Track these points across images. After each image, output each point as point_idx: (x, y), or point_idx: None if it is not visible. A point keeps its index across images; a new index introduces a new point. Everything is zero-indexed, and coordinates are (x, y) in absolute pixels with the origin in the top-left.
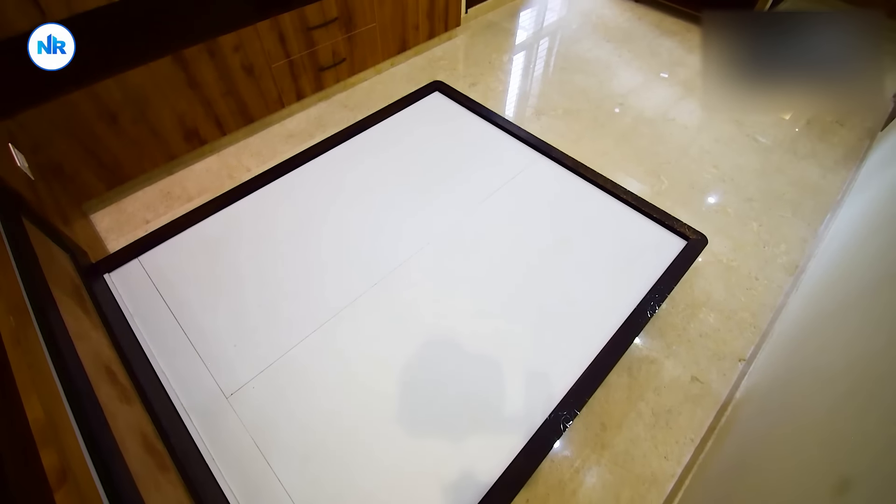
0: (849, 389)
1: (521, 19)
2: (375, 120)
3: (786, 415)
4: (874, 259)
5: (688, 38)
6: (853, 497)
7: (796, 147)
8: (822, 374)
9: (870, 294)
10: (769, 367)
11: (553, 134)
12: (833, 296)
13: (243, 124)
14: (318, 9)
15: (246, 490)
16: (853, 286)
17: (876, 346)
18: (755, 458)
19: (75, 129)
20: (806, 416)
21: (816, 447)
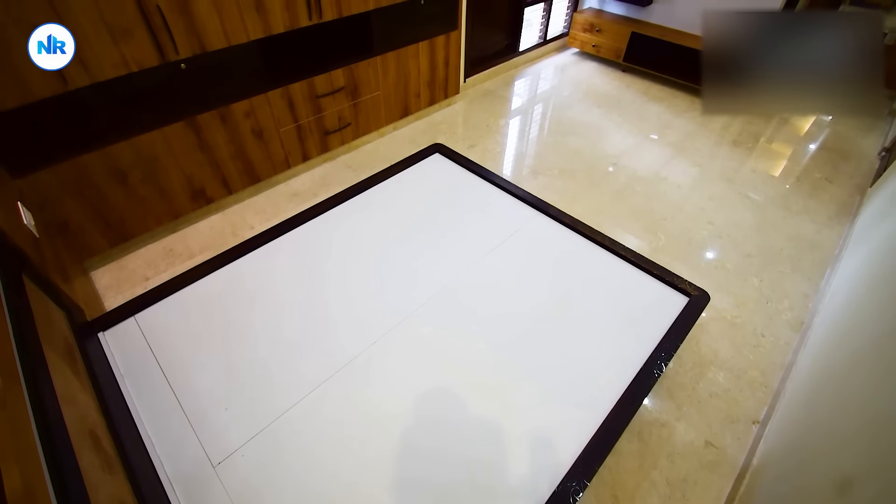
0: (865, 450)
1: (516, 87)
2: (378, 179)
3: (804, 480)
4: (878, 314)
5: (674, 104)
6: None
7: (789, 203)
8: (838, 436)
9: (877, 350)
10: (784, 430)
11: (550, 192)
12: (841, 353)
13: (250, 184)
14: (326, 79)
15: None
16: (860, 343)
17: (891, 406)
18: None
19: (85, 188)
20: (825, 481)
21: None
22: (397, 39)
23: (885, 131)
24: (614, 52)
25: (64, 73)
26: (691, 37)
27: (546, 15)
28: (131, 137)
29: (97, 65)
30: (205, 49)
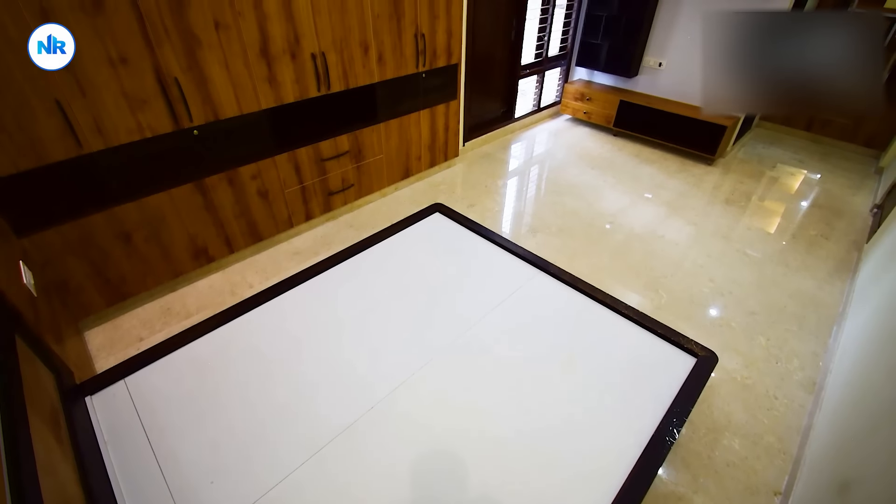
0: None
1: (513, 150)
2: (379, 238)
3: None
4: (891, 373)
5: (665, 166)
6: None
7: (787, 260)
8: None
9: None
10: (809, 502)
11: (549, 250)
12: (859, 415)
13: (252, 243)
14: (332, 143)
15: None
16: (877, 405)
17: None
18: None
19: (88, 247)
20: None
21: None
22: (400, 108)
23: (873, 189)
24: (605, 119)
25: (79, 136)
26: (675, 104)
27: (539, 85)
28: (139, 199)
29: (113, 130)
30: (217, 117)
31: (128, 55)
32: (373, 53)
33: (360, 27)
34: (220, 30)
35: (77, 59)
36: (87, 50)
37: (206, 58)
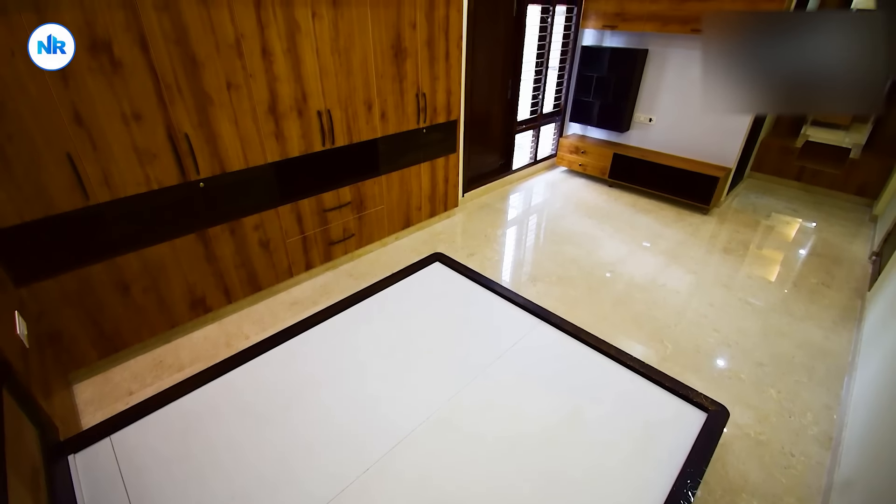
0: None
1: (511, 200)
2: (379, 288)
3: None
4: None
5: (661, 216)
6: None
7: (791, 309)
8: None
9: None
10: None
11: (550, 299)
12: (879, 471)
13: (251, 293)
14: (334, 195)
15: None
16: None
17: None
18: None
19: (86, 297)
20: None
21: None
22: (401, 161)
23: (870, 236)
24: (600, 170)
25: (87, 188)
26: (667, 156)
27: (535, 139)
28: (141, 249)
29: (121, 183)
30: (224, 170)
31: (141, 112)
32: (376, 110)
33: (364, 87)
34: (232, 90)
35: (91, 114)
36: (102, 106)
37: (216, 115)
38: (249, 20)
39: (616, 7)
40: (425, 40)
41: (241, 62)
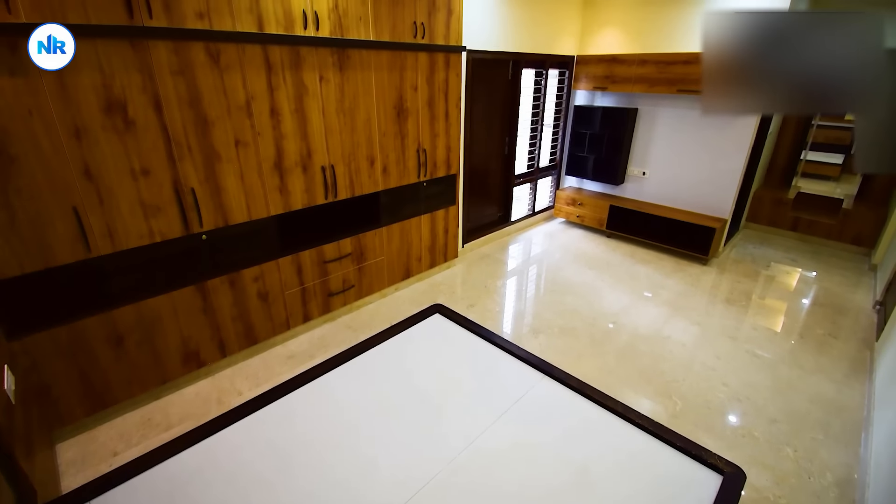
0: None
1: (511, 251)
2: (377, 340)
3: None
4: None
5: (661, 266)
6: None
7: (800, 361)
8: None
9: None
10: None
11: (553, 352)
12: None
13: (246, 346)
14: (335, 246)
15: None
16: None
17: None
18: None
19: (78, 351)
20: None
21: None
22: (402, 213)
23: (871, 285)
24: (597, 221)
25: (90, 241)
26: (663, 208)
27: (532, 192)
28: (138, 301)
29: (124, 235)
30: (227, 223)
31: (150, 168)
32: (378, 165)
33: (367, 143)
34: (240, 146)
35: (101, 170)
36: (112, 162)
37: (223, 170)
38: (260, 84)
39: (605, 70)
40: (426, 101)
41: (251, 121)
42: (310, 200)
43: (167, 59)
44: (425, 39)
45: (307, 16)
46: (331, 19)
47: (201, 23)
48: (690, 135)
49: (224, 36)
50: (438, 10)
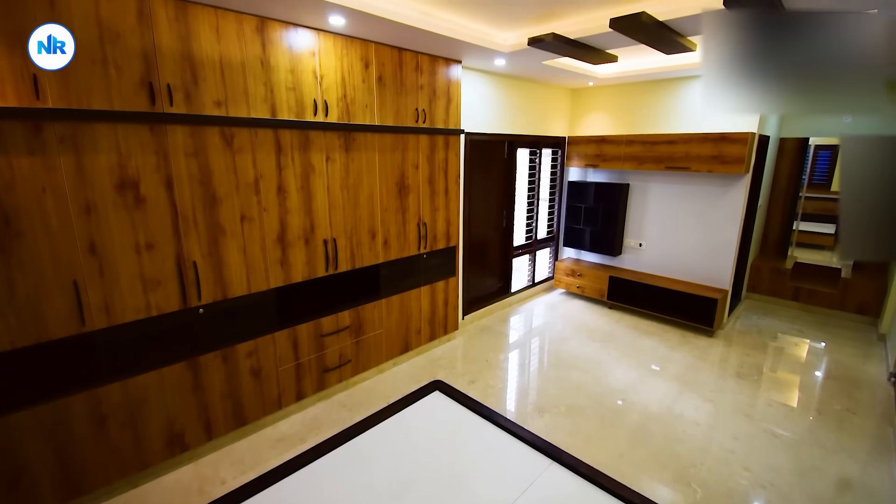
0: None
1: (512, 322)
2: (373, 422)
3: None
4: None
5: (666, 338)
6: None
7: (821, 440)
8: None
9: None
10: None
11: (560, 433)
12: None
13: (234, 427)
14: (333, 319)
15: None
16: None
17: None
18: None
19: (59, 432)
20: None
21: None
22: (402, 285)
23: (882, 356)
24: (598, 292)
25: (86, 315)
26: (662, 278)
27: (532, 263)
28: (127, 378)
29: (121, 310)
30: (226, 296)
31: (155, 242)
32: (379, 238)
33: (369, 218)
34: (245, 222)
35: (106, 245)
36: (118, 238)
37: (226, 245)
38: (269, 164)
39: (595, 150)
40: (427, 178)
41: (258, 198)
42: (310, 273)
43: (183, 141)
44: (426, 123)
45: (317, 104)
46: (339, 107)
47: (218, 110)
48: (682, 208)
49: (239, 122)
50: (438, 98)
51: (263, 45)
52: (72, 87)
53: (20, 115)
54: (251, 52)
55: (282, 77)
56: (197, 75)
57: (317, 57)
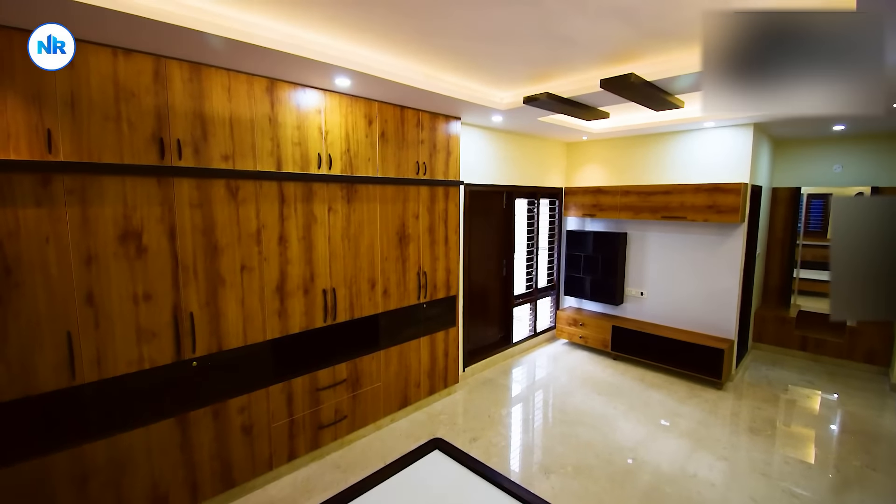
0: None
1: (514, 375)
2: (369, 484)
3: None
4: None
5: (674, 391)
6: None
7: (844, 501)
8: None
9: None
10: None
11: (569, 497)
12: None
13: (221, 490)
14: (329, 372)
15: None
16: None
17: None
18: None
19: (37, 494)
20: None
21: None
22: (401, 335)
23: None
24: (601, 343)
25: (76, 368)
26: (666, 328)
27: (533, 312)
28: (113, 435)
29: (112, 362)
30: (221, 348)
31: (153, 293)
32: (379, 288)
33: (369, 267)
34: (245, 271)
35: (104, 295)
36: (116, 288)
37: (225, 295)
38: (272, 214)
39: (592, 200)
40: (427, 227)
41: (259, 248)
42: (308, 323)
43: (188, 193)
44: (426, 176)
45: (321, 158)
46: (342, 160)
47: (225, 163)
48: (682, 257)
49: (245, 174)
50: (439, 151)
51: (272, 104)
52: (84, 142)
53: (31, 167)
54: (260, 110)
55: (288, 133)
56: (207, 131)
57: (322, 114)
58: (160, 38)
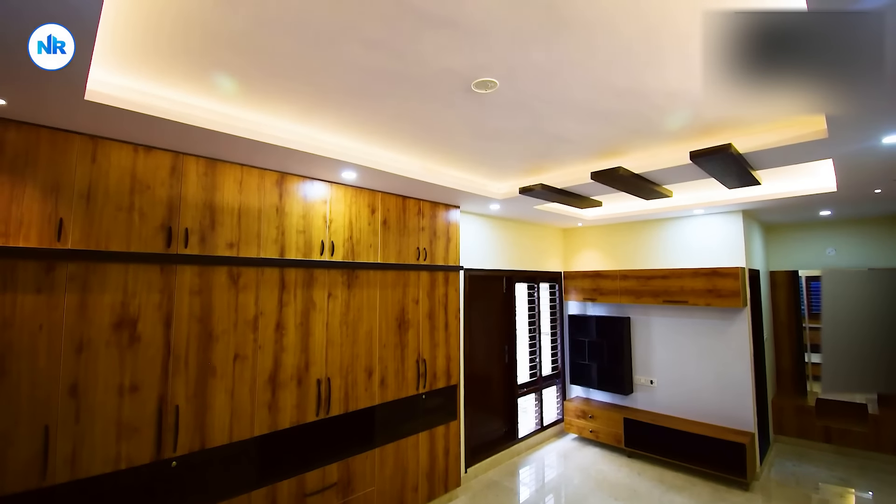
0: None
1: (522, 476)
2: None
3: None
4: None
5: (696, 494)
6: None
7: None
8: None
9: None
10: None
11: None
12: None
13: None
14: (319, 474)
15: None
16: None
17: None
18: None
19: None
20: None
21: None
22: (399, 430)
23: None
24: (613, 438)
25: (48, 467)
26: (681, 420)
27: (538, 403)
28: None
29: (87, 462)
30: (204, 446)
31: (140, 384)
32: (376, 377)
33: (367, 354)
34: (238, 360)
35: (90, 386)
36: (103, 379)
37: (214, 386)
38: (272, 301)
39: (592, 284)
40: (427, 313)
41: (254, 335)
42: (299, 418)
43: (190, 280)
44: (427, 261)
45: (324, 245)
46: (345, 247)
47: (230, 251)
48: (688, 342)
49: (248, 261)
50: (439, 238)
51: (280, 195)
52: (94, 230)
53: (37, 255)
54: (269, 201)
55: (294, 221)
56: (215, 220)
57: (328, 204)
58: (183, 138)
